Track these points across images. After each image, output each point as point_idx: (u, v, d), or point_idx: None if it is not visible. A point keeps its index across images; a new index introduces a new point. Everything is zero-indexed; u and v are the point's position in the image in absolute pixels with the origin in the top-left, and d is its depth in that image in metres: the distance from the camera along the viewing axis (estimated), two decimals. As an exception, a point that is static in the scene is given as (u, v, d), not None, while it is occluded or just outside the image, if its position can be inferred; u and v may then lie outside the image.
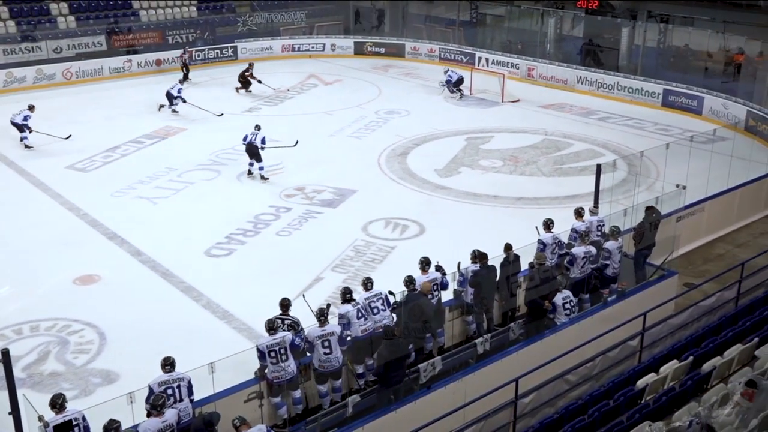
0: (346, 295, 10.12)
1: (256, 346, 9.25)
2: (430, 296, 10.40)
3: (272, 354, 9.13)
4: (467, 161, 19.69)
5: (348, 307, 9.97)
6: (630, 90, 25.51)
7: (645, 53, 27.51)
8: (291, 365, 9.25)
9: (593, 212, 12.69)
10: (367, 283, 10.35)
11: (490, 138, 21.58)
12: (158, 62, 29.84)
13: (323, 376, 9.60)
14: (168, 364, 8.63)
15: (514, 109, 24.85)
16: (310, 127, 22.74)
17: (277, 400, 9.35)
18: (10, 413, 7.74)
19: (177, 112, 23.60)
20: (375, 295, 10.22)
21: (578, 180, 17.96)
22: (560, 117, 23.84)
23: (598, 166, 13.44)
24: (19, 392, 7.86)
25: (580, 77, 26.91)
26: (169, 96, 23.59)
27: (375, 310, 10.11)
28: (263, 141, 18.13)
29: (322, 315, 9.62)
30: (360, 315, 9.98)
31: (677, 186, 13.72)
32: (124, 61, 29.17)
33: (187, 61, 28.74)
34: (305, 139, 21.54)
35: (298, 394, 9.51)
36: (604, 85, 26.17)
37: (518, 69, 28.70)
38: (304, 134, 22.04)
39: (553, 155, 20.07)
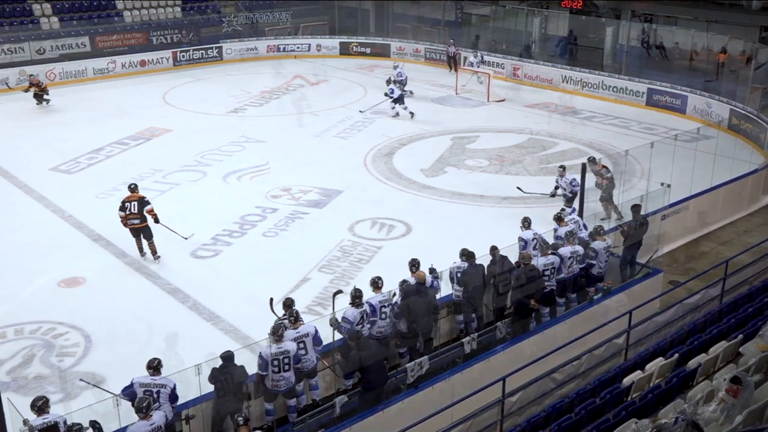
0: (356, 300, 9.87)
1: (260, 353, 9.06)
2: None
3: (275, 363, 9.00)
4: (453, 161, 19.72)
5: (354, 312, 9.81)
6: (614, 89, 25.64)
7: (629, 52, 27.67)
8: (291, 375, 9.16)
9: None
10: (378, 282, 10.17)
11: (475, 138, 21.62)
12: (142, 63, 29.70)
13: (299, 376, 9.54)
14: (152, 367, 8.54)
15: (500, 109, 24.92)
16: (296, 128, 22.72)
17: (270, 407, 9.28)
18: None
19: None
20: (386, 300, 10.15)
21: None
22: (545, 116, 23.91)
23: (583, 165, 13.51)
24: (3, 396, 7.75)
25: (565, 76, 27.01)
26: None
27: (383, 316, 10.02)
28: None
29: (292, 315, 9.52)
30: (361, 321, 9.84)
31: (662, 184, 13.80)
32: (108, 62, 29.00)
33: (453, 54, 29.35)
34: (291, 139, 21.58)
35: (293, 402, 9.39)
36: (589, 85, 26.29)
37: (503, 69, 28.78)
38: (290, 134, 22.11)
39: (539, 154, 20.14)
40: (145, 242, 14.15)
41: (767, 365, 8.33)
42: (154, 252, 14.15)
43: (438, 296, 10.84)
